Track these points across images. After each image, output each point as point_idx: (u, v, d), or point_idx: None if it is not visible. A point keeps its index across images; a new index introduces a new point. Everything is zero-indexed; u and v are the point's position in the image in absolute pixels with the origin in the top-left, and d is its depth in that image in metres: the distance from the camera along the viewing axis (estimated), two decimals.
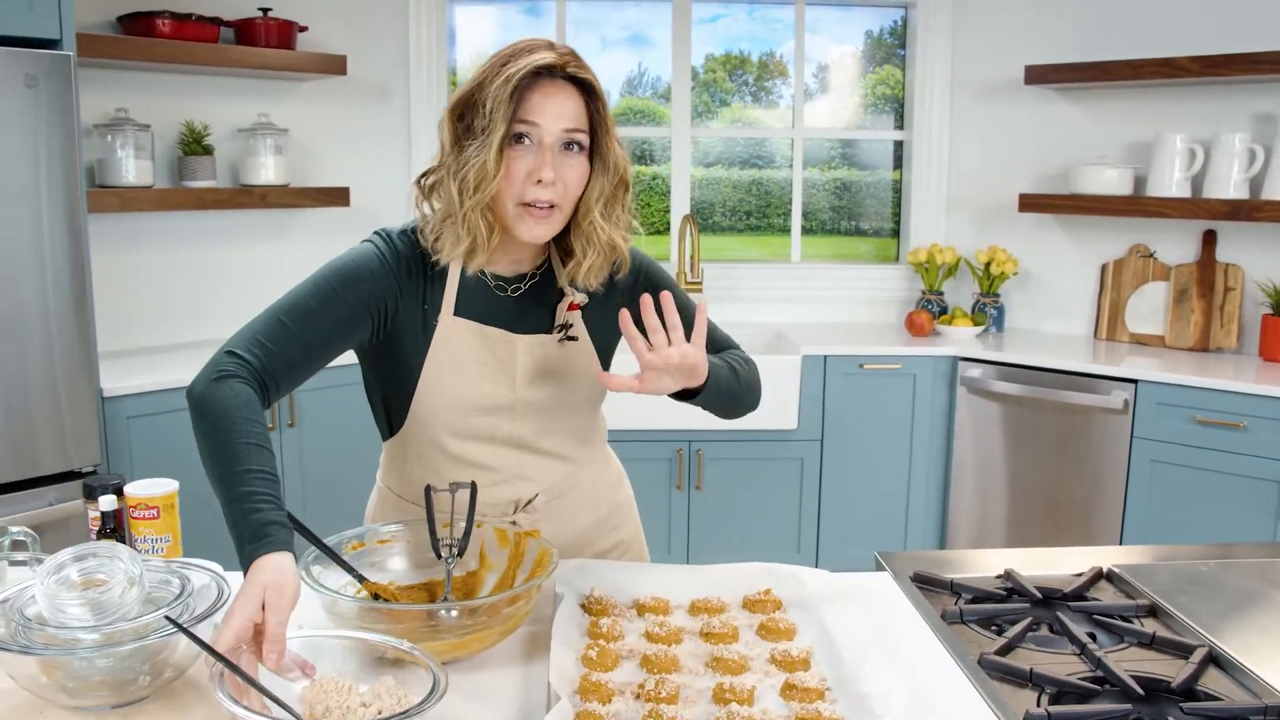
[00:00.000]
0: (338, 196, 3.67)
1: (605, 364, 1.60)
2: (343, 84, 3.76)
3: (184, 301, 3.56)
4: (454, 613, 1.33)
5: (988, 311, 3.93)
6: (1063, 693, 1.27)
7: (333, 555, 1.43)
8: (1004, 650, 1.36)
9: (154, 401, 2.95)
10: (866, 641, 1.34)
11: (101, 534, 1.54)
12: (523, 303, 1.54)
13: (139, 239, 3.43)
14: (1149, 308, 3.72)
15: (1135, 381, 3.28)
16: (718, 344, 1.67)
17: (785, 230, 4.31)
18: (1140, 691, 1.24)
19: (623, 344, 1.57)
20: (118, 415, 2.89)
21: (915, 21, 4.08)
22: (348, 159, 3.87)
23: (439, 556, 1.48)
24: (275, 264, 3.75)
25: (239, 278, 3.67)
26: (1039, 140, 3.93)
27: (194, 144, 3.38)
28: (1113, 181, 3.60)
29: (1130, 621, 1.46)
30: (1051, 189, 3.89)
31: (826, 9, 4.18)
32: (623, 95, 4.26)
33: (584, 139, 1.42)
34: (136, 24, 3.18)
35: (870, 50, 4.27)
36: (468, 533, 1.49)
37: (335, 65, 3.58)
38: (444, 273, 1.50)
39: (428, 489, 1.51)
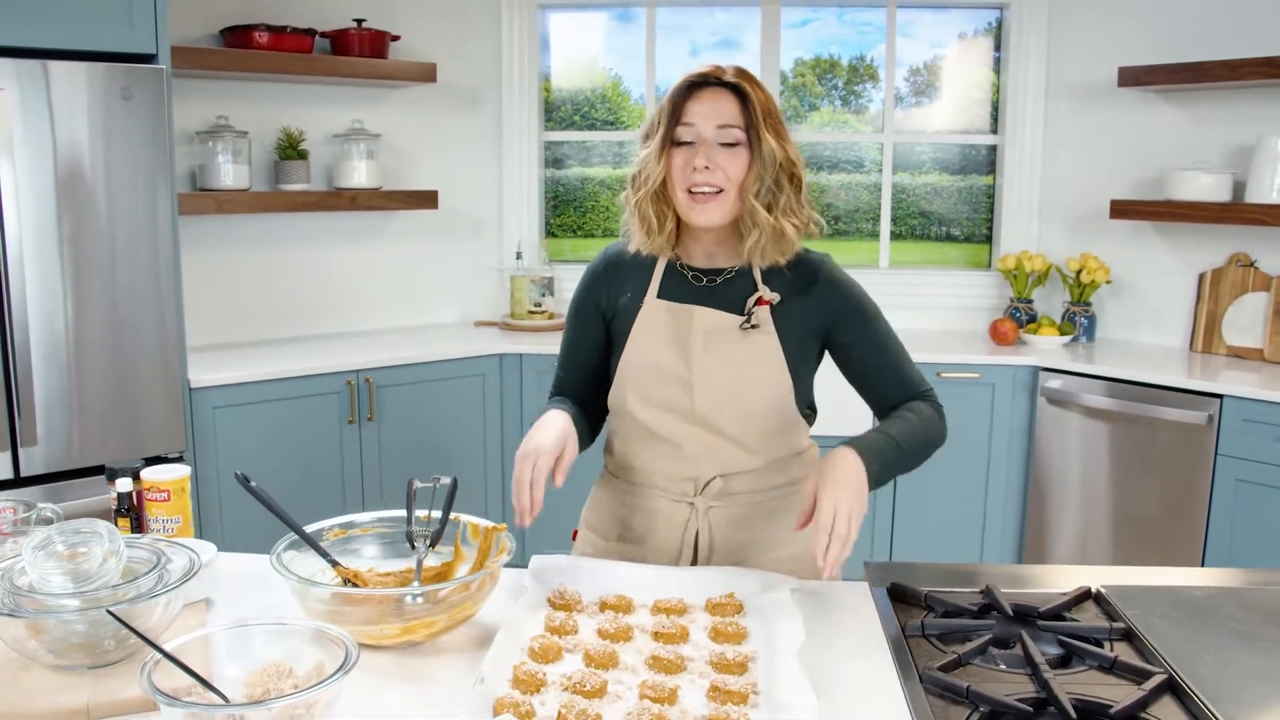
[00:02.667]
0: (426, 199, 3.82)
1: (793, 369, 1.66)
2: (436, 90, 3.90)
3: (277, 299, 3.76)
4: (419, 598, 1.41)
5: (1077, 321, 3.79)
6: (997, 713, 1.24)
7: (309, 541, 1.52)
8: (950, 666, 1.34)
9: (238, 393, 3.14)
10: (803, 650, 1.34)
11: (118, 513, 1.68)
12: (717, 292, 1.69)
13: (236, 239, 3.65)
14: (1248, 319, 3.51)
15: (1220, 397, 3.11)
16: (906, 385, 1.71)
17: (874, 235, 4.25)
18: (1073, 715, 1.21)
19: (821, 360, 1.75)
20: (204, 405, 3.09)
21: (1009, 23, 3.96)
22: (440, 163, 4.02)
23: (412, 546, 1.56)
24: (365, 264, 3.93)
25: (330, 277, 3.86)
26: (1135, 145, 3.76)
27: (289, 149, 3.58)
28: (1209, 187, 3.42)
29: (1100, 645, 1.41)
30: (1148, 195, 3.72)
31: (918, 11, 4.10)
32: None
33: (739, 134, 1.59)
34: (237, 36, 3.39)
35: (963, 53, 4.17)
36: (443, 524, 1.57)
37: (425, 73, 3.72)
38: (652, 266, 1.72)
39: (410, 482, 1.60)
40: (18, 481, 2.75)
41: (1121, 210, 3.62)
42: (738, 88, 1.59)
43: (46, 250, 2.72)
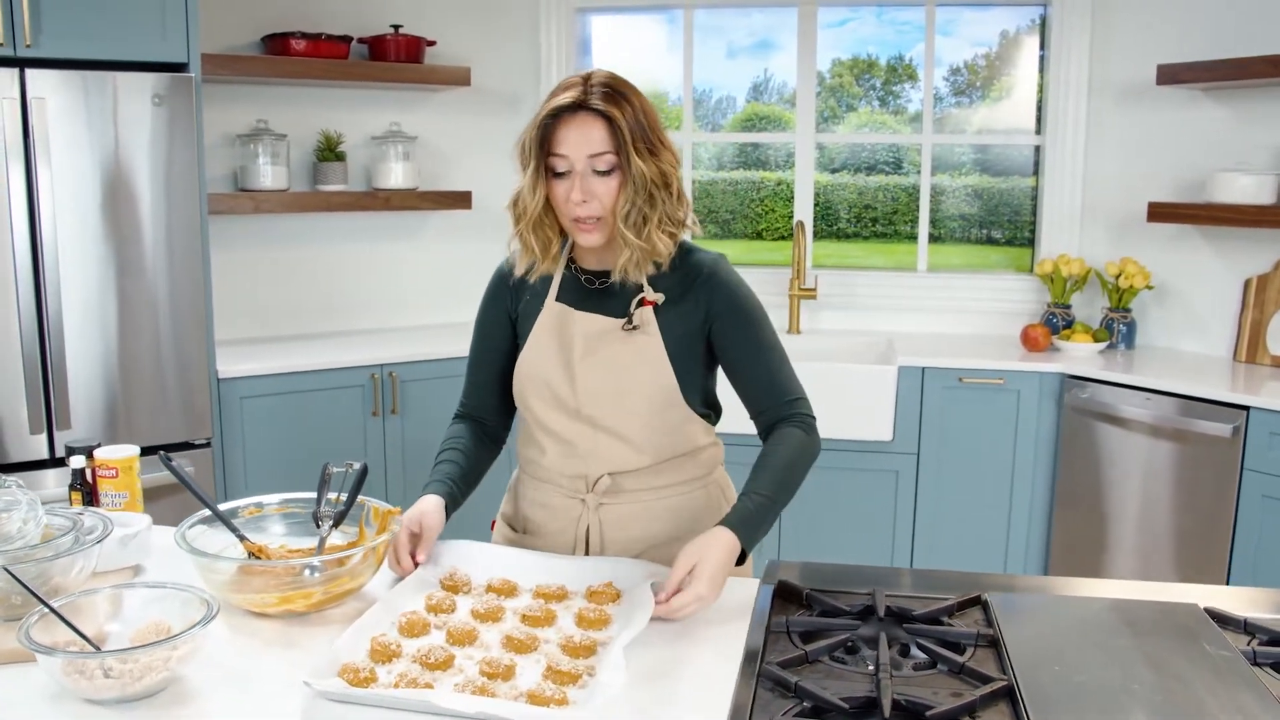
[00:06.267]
0: (459, 200, 3.93)
1: (676, 366, 1.70)
2: (473, 94, 4.02)
3: (312, 296, 3.92)
4: (315, 574, 1.50)
5: (1115, 327, 3.67)
6: (820, 709, 1.26)
7: (221, 517, 1.62)
8: (793, 662, 1.36)
9: (265, 384, 3.30)
10: (648, 636, 1.38)
11: (72, 487, 1.82)
12: (607, 295, 1.73)
13: (274, 238, 3.82)
14: None
15: (1247, 409, 2.98)
16: (777, 392, 1.72)
17: (913, 238, 4.20)
18: (887, 714, 1.22)
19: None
20: (232, 395, 3.25)
21: (1052, 20, 3.86)
22: (478, 165, 4.12)
23: (317, 525, 1.65)
24: (401, 263, 4.07)
25: (365, 275, 4.01)
26: (1178, 145, 3.63)
27: (328, 151, 3.74)
28: (1251, 189, 3.28)
29: (962, 651, 1.41)
30: (1191, 197, 3.58)
31: (959, 9, 4.03)
32: (748, 101, 4.29)
33: (611, 159, 1.61)
34: (276, 43, 3.57)
35: (1005, 52, 4.08)
36: (348, 506, 1.65)
37: (459, 77, 3.83)
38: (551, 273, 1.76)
39: (325, 466, 1.69)
40: (53, 462, 2.96)
41: (1159, 213, 3.49)
42: (603, 113, 1.59)
43: (81, 247, 2.92)
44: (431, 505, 1.66)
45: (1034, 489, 3.55)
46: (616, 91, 1.62)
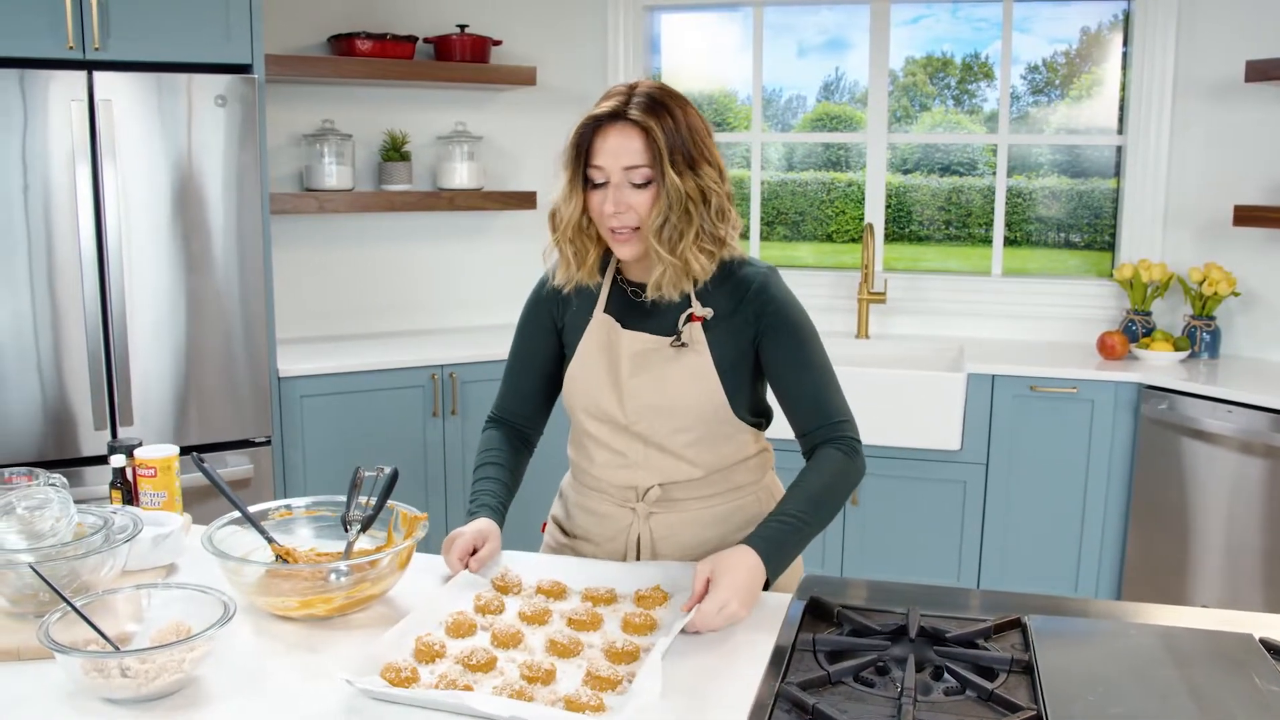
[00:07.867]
0: (524, 200, 3.93)
1: (726, 382, 1.68)
2: (539, 93, 4.01)
3: (376, 296, 3.95)
4: (341, 578, 1.49)
5: (1197, 336, 3.50)
6: None
7: (250, 519, 1.63)
8: (815, 683, 1.31)
9: (325, 383, 3.34)
10: (681, 647, 1.38)
11: (112, 485, 1.85)
12: (654, 308, 1.70)
13: (339, 237, 3.86)
14: None
15: None
16: (821, 412, 1.66)
17: (987, 241, 4.07)
18: None
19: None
20: (292, 394, 3.29)
21: (1136, 15, 3.70)
22: (543, 165, 4.09)
23: (345, 529, 1.64)
24: (466, 263, 4.08)
25: (429, 275, 4.03)
26: (1270, 145, 3.45)
27: (393, 151, 3.77)
28: None
29: (994, 677, 1.34)
30: None
31: (1037, 5, 3.90)
32: (819, 100, 4.21)
33: (647, 173, 1.58)
34: (342, 43, 3.61)
35: (1086, 49, 3.92)
36: (377, 510, 1.65)
37: (525, 76, 3.83)
38: (599, 282, 1.74)
39: (356, 469, 1.69)
40: None
41: (1246, 217, 3.32)
42: (641, 124, 1.56)
43: (145, 246, 2.98)
44: (495, 531, 1.67)
45: (1108, 504, 3.40)
46: (658, 103, 1.59)
